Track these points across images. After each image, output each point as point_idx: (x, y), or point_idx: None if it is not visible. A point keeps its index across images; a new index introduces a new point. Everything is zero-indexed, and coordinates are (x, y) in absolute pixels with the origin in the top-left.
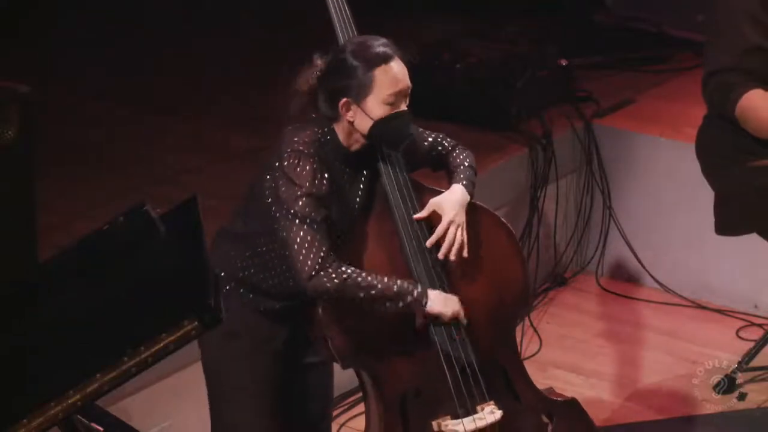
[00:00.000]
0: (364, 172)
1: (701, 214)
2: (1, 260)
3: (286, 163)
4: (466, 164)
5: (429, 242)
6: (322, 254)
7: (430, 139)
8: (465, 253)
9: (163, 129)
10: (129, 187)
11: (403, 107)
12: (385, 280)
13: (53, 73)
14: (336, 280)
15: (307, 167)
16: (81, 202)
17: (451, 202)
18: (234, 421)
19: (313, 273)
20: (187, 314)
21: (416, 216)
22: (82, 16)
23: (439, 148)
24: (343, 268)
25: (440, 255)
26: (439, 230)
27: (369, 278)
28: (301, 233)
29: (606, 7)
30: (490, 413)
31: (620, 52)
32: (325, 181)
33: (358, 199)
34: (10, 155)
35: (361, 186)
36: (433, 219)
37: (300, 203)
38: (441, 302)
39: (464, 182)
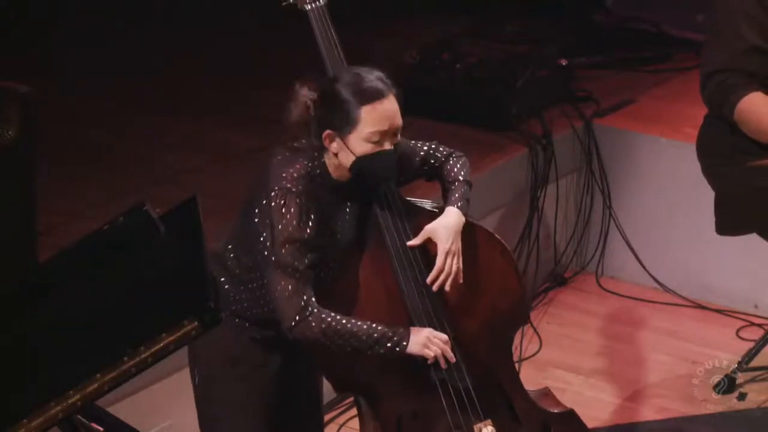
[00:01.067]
0: (357, 201)
1: (701, 214)
2: (1, 260)
3: (273, 204)
4: (461, 179)
5: (429, 279)
6: (302, 303)
7: (422, 153)
8: (460, 280)
9: (163, 129)
10: (129, 187)
11: (388, 146)
12: (365, 327)
13: (53, 73)
14: (316, 330)
15: (292, 209)
16: (81, 202)
17: (446, 229)
18: None
19: (293, 324)
20: (187, 314)
21: (410, 243)
22: (82, 16)
23: (432, 161)
24: (323, 316)
25: (435, 287)
26: (438, 265)
27: (349, 326)
28: (282, 282)
29: (606, 7)
30: None
31: (620, 52)
32: (310, 223)
33: (350, 229)
34: (10, 155)
35: (354, 215)
36: (428, 244)
37: (282, 251)
38: (421, 344)
39: (459, 203)
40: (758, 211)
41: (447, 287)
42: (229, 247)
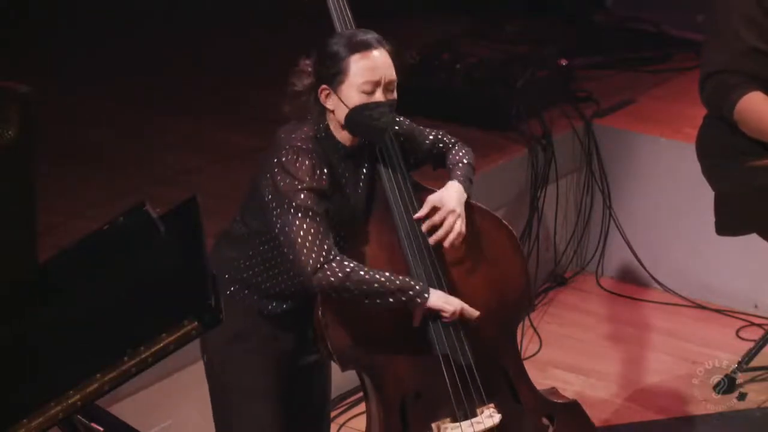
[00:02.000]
0: (364, 170)
1: (701, 215)
2: (1, 260)
3: (284, 159)
4: (465, 162)
5: (418, 215)
6: (325, 247)
7: (431, 137)
8: (460, 239)
9: (163, 129)
10: (129, 187)
11: (380, 97)
12: (388, 274)
13: (53, 73)
14: (340, 274)
15: (306, 162)
16: (81, 202)
17: (449, 198)
18: (243, 421)
19: (318, 266)
20: (187, 314)
21: (416, 215)
22: (82, 16)
23: (440, 145)
24: (347, 262)
25: (432, 240)
26: (435, 217)
27: (372, 272)
28: (304, 226)
29: (606, 7)
30: (489, 417)
31: (620, 52)
32: (324, 176)
33: (357, 198)
34: (10, 155)
35: (361, 184)
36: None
37: (302, 196)
38: (442, 298)
39: (461, 178)
40: (758, 211)
41: (446, 244)
42: (237, 218)
